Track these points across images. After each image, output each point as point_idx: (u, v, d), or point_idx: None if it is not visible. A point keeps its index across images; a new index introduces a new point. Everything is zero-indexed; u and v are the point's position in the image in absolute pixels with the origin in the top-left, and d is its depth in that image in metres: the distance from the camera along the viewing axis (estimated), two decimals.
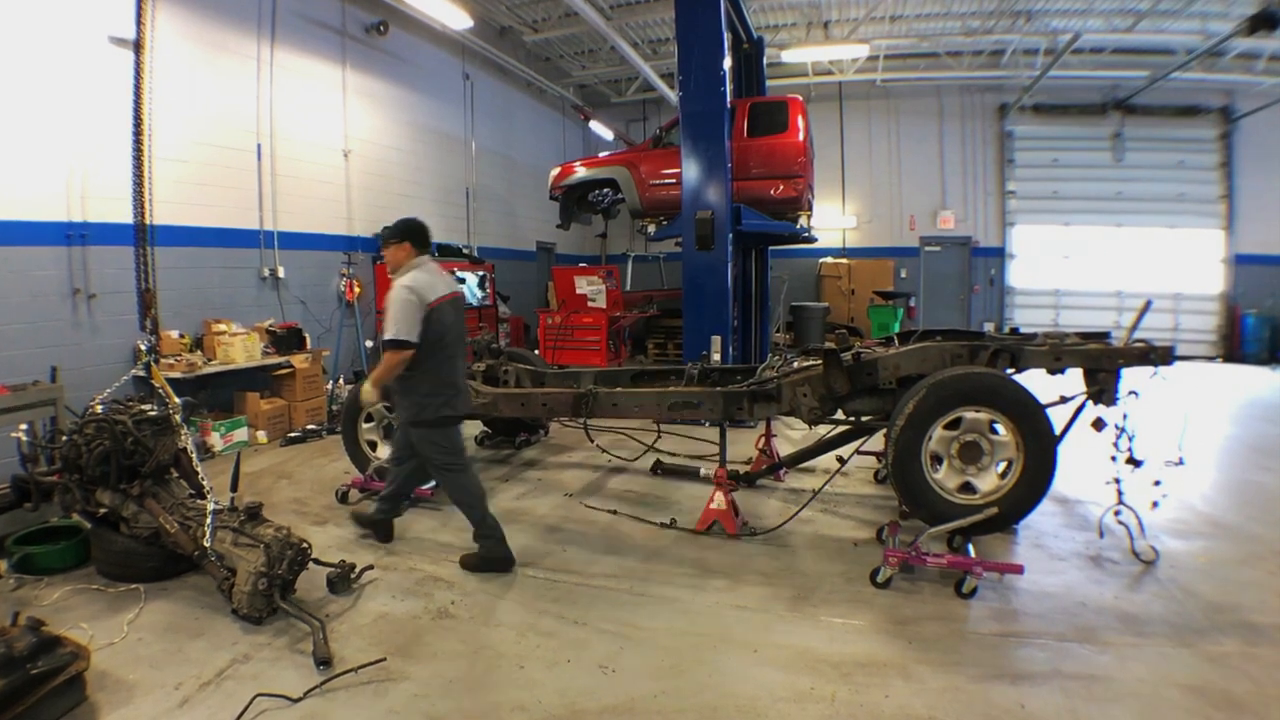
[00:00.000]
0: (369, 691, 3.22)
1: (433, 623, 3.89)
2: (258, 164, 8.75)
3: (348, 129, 10.34)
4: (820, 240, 12.88)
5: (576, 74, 16.49)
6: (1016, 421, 4.40)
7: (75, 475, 4.35)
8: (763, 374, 5.47)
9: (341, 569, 4.25)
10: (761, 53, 11.78)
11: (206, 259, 8.11)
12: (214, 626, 3.82)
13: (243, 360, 7.79)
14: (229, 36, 8.41)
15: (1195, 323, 15.40)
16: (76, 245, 6.70)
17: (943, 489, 4.54)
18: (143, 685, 3.25)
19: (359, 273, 10.26)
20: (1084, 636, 3.64)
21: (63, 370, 5.99)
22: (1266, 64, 13.54)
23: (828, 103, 16.60)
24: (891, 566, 4.21)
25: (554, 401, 5.99)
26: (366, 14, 10.67)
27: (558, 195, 11.59)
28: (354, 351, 10.34)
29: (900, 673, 3.33)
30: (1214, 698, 3.08)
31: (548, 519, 5.57)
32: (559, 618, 3.94)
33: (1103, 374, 4.66)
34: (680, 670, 3.39)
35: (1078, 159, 15.86)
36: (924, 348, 4.97)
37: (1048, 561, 4.59)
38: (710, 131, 8.39)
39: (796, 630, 3.77)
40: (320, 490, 6.23)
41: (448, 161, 12.96)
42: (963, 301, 16.74)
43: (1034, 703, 3.07)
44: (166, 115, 7.49)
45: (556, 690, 3.22)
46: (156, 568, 4.33)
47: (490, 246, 14.06)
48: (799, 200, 9.78)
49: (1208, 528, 5.18)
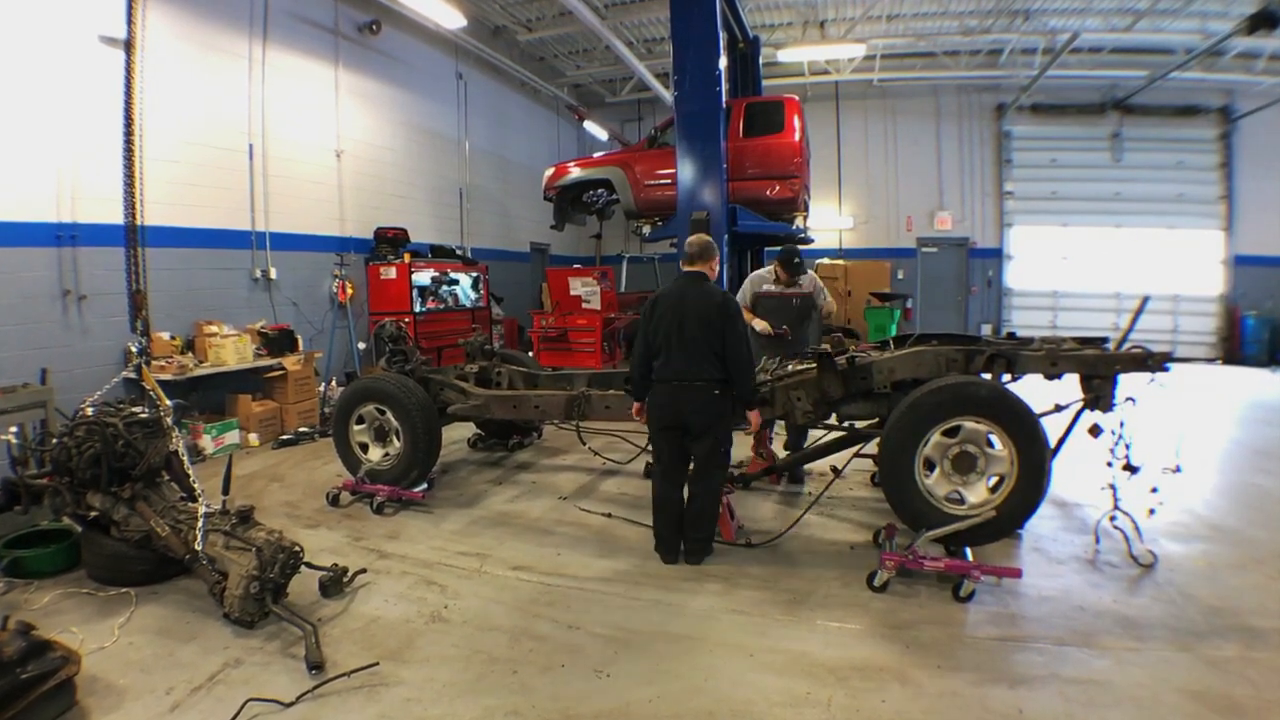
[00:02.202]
0: (361, 696, 3.18)
1: (426, 627, 3.85)
2: (249, 164, 8.71)
3: (340, 129, 10.30)
4: (816, 241, 12.87)
5: (571, 73, 16.47)
6: (1014, 437, 4.45)
7: (65, 478, 4.30)
8: (756, 377, 5.43)
9: (334, 573, 4.22)
10: (757, 52, 11.79)
11: (198, 260, 8.07)
12: (205, 630, 3.79)
13: (234, 362, 7.75)
14: (220, 36, 8.37)
15: (1195, 324, 15.42)
16: (67, 246, 6.66)
17: (932, 495, 4.60)
18: (133, 690, 3.23)
19: (351, 274, 10.21)
20: (1082, 640, 3.61)
21: (53, 372, 5.95)
22: (1266, 64, 13.56)
23: (824, 103, 16.59)
24: (888, 570, 4.19)
25: (547, 404, 5.98)
26: (359, 13, 10.63)
27: (552, 196, 11.57)
28: (346, 353, 10.29)
29: (897, 677, 3.30)
30: (1214, 702, 3.06)
31: (541, 522, 5.54)
32: (553, 622, 3.91)
33: (1099, 380, 4.64)
34: (675, 675, 3.36)
35: (1076, 159, 15.88)
36: (919, 352, 4.95)
37: (1046, 565, 4.57)
38: (706, 132, 8.38)
39: (792, 634, 3.74)
40: (312, 493, 6.19)
41: (441, 162, 12.92)
42: (960, 303, 16.75)
43: (1032, 707, 3.04)
44: (157, 115, 7.45)
45: (550, 695, 3.19)
46: (147, 571, 4.29)
47: (484, 247, 14.03)
48: (795, 201, 9.77)
49: (1207, 531, 5.16)
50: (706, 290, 4.58)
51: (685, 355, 4.44)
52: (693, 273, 4.66)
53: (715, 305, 4.44)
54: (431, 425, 5.90)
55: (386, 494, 5.70)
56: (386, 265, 10.48)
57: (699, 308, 4.44)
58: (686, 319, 4.44)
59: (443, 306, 11.02)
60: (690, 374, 4.45)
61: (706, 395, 4.46)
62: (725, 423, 4.59)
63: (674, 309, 4.49)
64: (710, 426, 4.53)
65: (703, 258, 4.66)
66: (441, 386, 6.37)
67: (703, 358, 4.42)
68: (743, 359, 4.46)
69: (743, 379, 4.50)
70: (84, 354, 6.80)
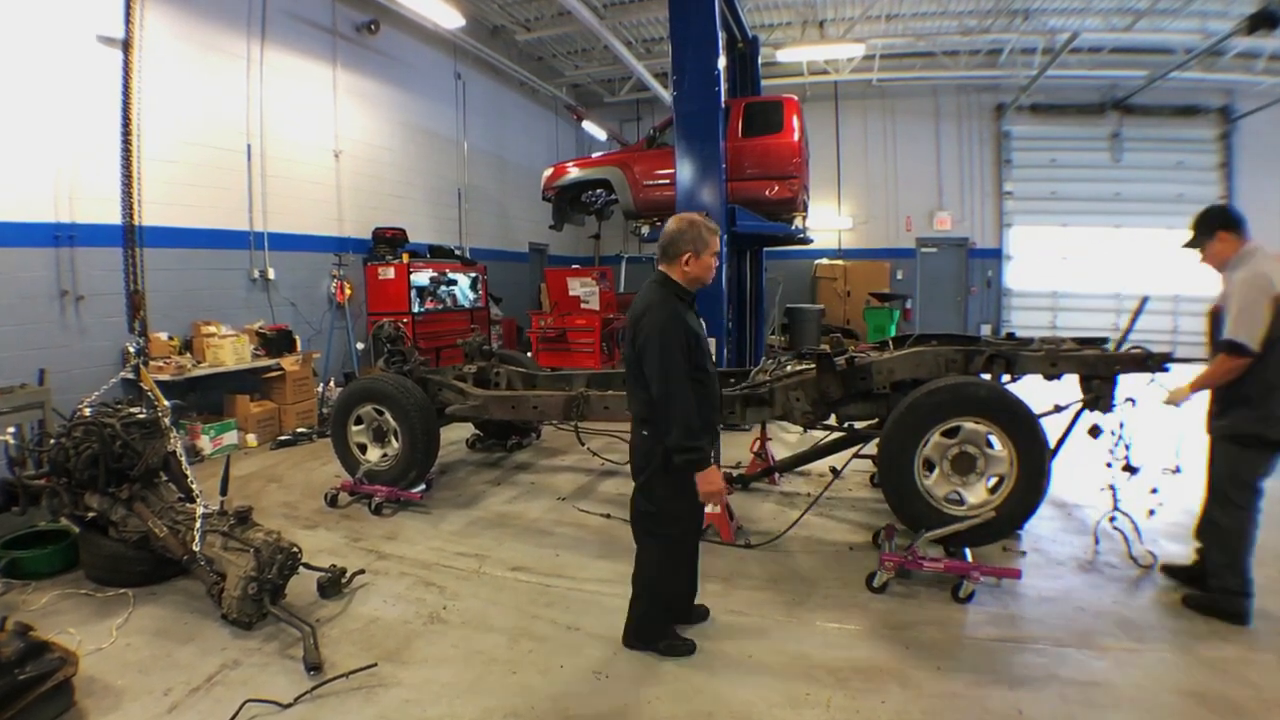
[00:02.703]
0: (360, 697, 3.18)
1: (424, 628, 3.85)
2: (247, 164, 8.70)
3: (338, 129, 10.29)
4: (816, 241, 12.83)
5: (569, 73, 16.45)
6: (1014, 437, 4.47)
7: (63, 479, 4.30)
8: (755, 377, 5.43)
9: (332, 573, 4.22)
10: (756, 52, 11.75)
11: (196, 260, 8.06)
12: (203, 631, 3.78)
13: (232, 363, 7.74)
14: (219, 35, 8.35)
15: (1195, 324, 15.23)
16: (65, 246, 6.65)
17: (931, 496, 4.62)
18: (131, 691, 3.23)
19: (350, 274, 10.20)
20: (1082, 641, 3.61)
21: (51, 373, 5.95)
22: (1266, 63, 13.54)
23: (823, 102, 16.57)
24: (888, 571, 4.18)
25: (545, 404, 5.97)
26: (357, 13, 10.62)
27: (551, 196, 11.53)
28: (344, 354, 10.28)
29: (897, 678, 3.30)
30: (1213, 703, 3.06)
31: (540, 523, 5.53)
32: (552, 623, 3.91)
33: (1099, 381, 4.64)
34: (674, 676, 3.35)
35: (1076, 159, 15.85)
36: (919, 352, 4.96)
37: (1045, 566, 4.57)
38: (704, 132, 8.36)
39: (791, 635, 3.74)
40: (310, 494, 6.19)
41: (439, 162, 12.91)
42: (960, 303, 16.74)
43: (1032, 708, 3.04)
44: (156, 115, 7.45)
45: (549, 696, 3.19)
46: (145, 572, 4.29)
47: (482, 248, 14.02)
48: (794, 201, 9.75)
49: None
50: (645, 295, 3.44)
51: (627, 382, 3.53)
52: (658, 274, 3.52)
53: (635, 316, 3.37)
54: (430, 426, 5.90)
55: (385, 495, 5.69)
56: (385, 265, 10.48)
57: (631, 322, 3.42)
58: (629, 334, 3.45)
59: (441, 307, 11.02)
60: (630, 406, 3.56)
61: (636, 435, 3.47)
62: (655, 478, 3.36)
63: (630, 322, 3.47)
64: (636, 478, 3.48)
65: (665, 256, 3.46)
66: (440, 387, 6.37)
67: (633, 385, 3.44)
68: (660, 390, 3.19)
69: (661, 418, 3.22)
70: (82, 354, 6.79)
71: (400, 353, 6.47)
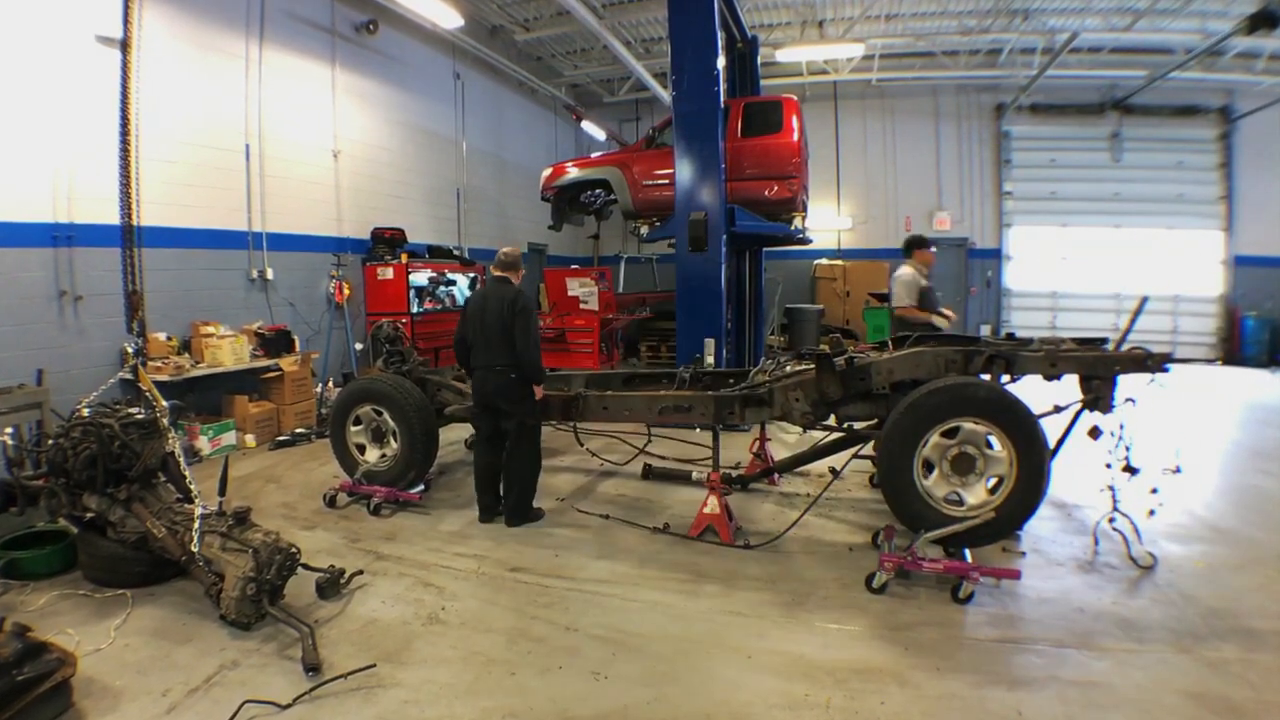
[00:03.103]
0: (358, 698, 3.18)
1: (423, 628, 3.84)
2: (246, 164, 8.68)
3: (337, 129, 10.27)
4: (815, 242, 12.82)
5: (568, 73, 16.43)
6: (1013, 438, 4.46)
7: (61, 479, 4.29)
8: (755, 378, 5.43)
9: (331, 574, 4.21)
10: (755, 52, 11.75)
11: (194, 260, 8.04)
12: (202, 632, 3.78)
13: (231, 363, 7.73)
14: (217, 36, 8.34)
15: (1194, 325, 15.38)
16: (63, 247, 6.63)
17: (930, 497, 4.62)
18: (129, 692, 3.22)
19: (348, 274, 10.18)
20: (1082, 642, 3.61)
21: (49, 373, 5.94)
22: (1266, 63, 13.52)
23: (823, 102, 16.57)
24: (887, 571, 4.18)
25: (544, 405, 5.95)
26: (356, 12, 10.60)
27: (550, 196, 11.54)
28: (343, 354, 10.26)
29: (896, 679, 3.29)
30: (1213, 704, 3.05)
31: (539, 523, 5.52)
32: (550, 623, 3.90)
33: (1099, 381, 4.64)
34: (673, 677, 3.35)
35: (1075, 159, 15.83)
36: (918, 353, 4.95)
37: (1045, 566, 4.56)
38: (704, 132, 8.36)
39: (791, 636, 3.73)
40: (309, 494, 6.18)
41: (438, 162, 12.89)
42: (959, 303, 16.71)
43: (1031, 709, 3.04)
44: (154, 115, 7.42)
45: (548, 697, 3.18)
46: (144, 573, 4.29)
47: (481, 248, 13.98)
48: (793, 201, 9.75)
49: (1207, 532, 5.15)
50: (502, 291, 5.29)
51: (487, 346, 5.26)
52: (498, 277, 5.43)
53: (508, 302, 5.18)
54: (429, 426, 5.90)
55: (383, 495, 5.69)
56: (383, 266, 10.46)
57: (496, 306, 5.21)
58: (488, 315, 5.24)
59: (440, 307, 11.00)
60: (491, 361, 5.25)
61: (504, 379, 5.26)
62: (528, 403, 5.32)
63: (479, 308, 5.35)
64: (514, 406, 5.32)
65: (510, 268, 5.45)
66: (439, 387, 6.36)
67: (499, 347, 5.20)
68: (528, 346, 5.18)
69: (528, 363, 5.21)
70: (80, 355, 6.77)
71: (399, 353, 6.47)
